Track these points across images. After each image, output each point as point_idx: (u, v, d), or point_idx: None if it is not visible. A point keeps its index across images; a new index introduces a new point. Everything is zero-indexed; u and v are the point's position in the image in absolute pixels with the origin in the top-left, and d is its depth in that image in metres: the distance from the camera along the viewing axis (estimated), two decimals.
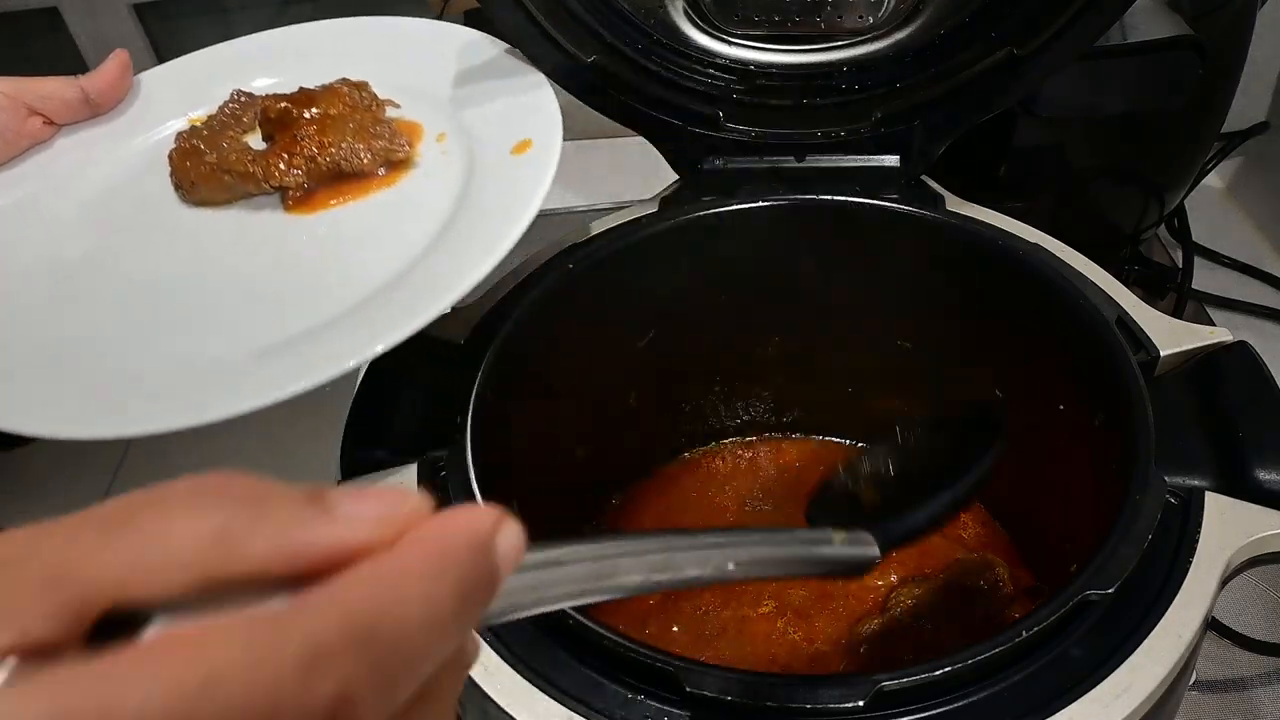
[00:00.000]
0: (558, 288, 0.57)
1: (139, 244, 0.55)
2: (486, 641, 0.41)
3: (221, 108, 0.60)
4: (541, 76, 0.58)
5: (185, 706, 0.17)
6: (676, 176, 0.65)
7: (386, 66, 0.61)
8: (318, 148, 0.55)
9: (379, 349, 0.45)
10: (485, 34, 0.62)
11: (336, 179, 0.55)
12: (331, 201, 0.55)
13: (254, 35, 0.65)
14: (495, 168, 0.54)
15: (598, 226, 0.61)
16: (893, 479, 0.50)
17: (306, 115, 0.55)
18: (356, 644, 0.18)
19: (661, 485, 0.69)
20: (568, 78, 0.60)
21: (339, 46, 0.63)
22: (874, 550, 0.37)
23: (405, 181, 0.56)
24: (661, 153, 0.64)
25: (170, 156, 0.57)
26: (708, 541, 0.30)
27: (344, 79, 0.59)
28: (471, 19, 1.43)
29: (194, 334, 0.49)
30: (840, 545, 0.35)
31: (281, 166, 0.55)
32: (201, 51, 0.64)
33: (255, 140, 0.59)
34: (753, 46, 0.62)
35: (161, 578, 0.19)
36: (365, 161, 0.55)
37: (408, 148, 0.56)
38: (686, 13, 0.62)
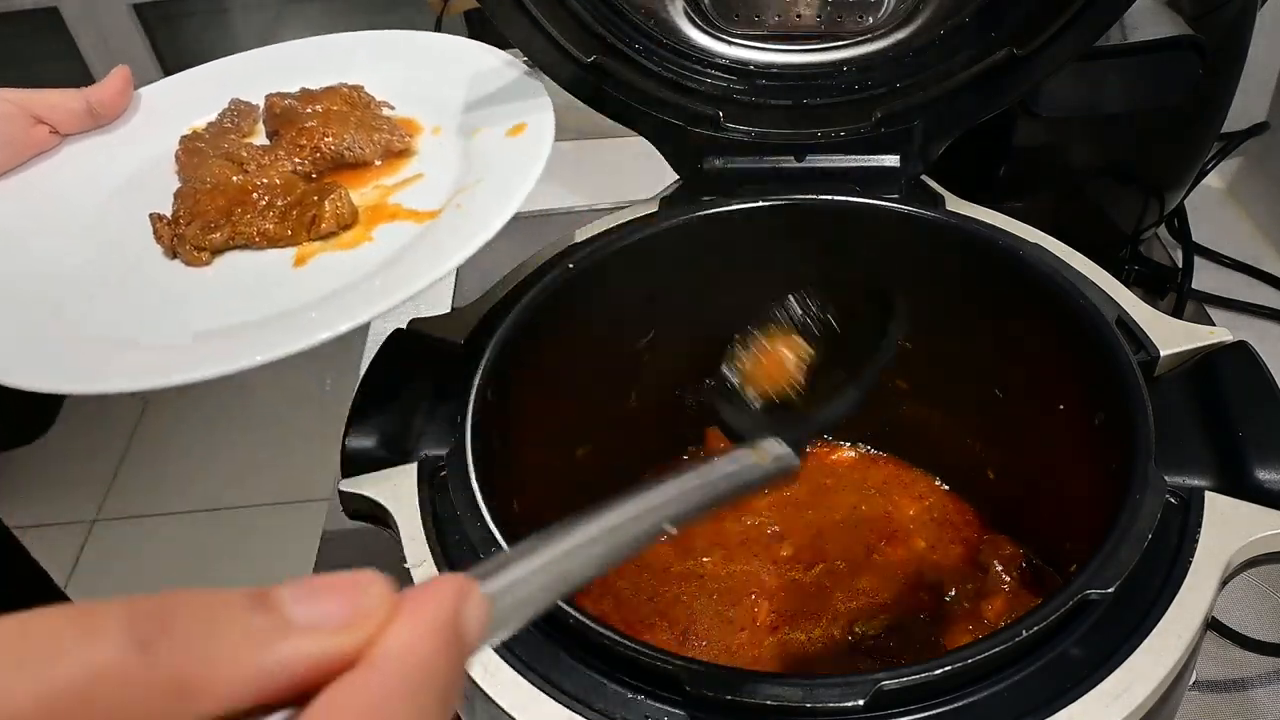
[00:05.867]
0: (558, 288, 0.56)
1: (139, 244, 0.56)
2: None
3: (221, 115, 0.62)
4: (524, 67, 0.60)
5: None
6: (676, 176, 0.65)
7: (377, 75, 0.63)
8: (321, 139, 0.57)
9: (395, 301, 0.46)
10: (467, 39, 0.64)
11: (338, 169, 0.58)
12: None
13: (249, 51, 0.67)
14: (493, 149, 0.56)
15: (598, 226, 0.61)
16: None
17: (310, 110, 0.58)
18: None
19: None
20: (568, 78, 0.60)
21: (332, 60, 0.66)
22: (795, 462, 0.38)
23: (406, 169, 0.58)
24: (661, 153, 0.64)
25: (177, 155, 0.59)
26: (650, 505, 0.32)
27: (340, 83, 0.61)
28: (471, 19, 1.43)
29: (190, 309, 0.51)
30: (766, 465, 0.37)
31: (285, 166, 0.56)
32: (200, 67, 0.67)
33: (257, 143, 0.60)
34: (753, 46, 0.62)
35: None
36: (367, 152, 0.57)
37: (408, 139, 0.58)
38: (686, 13, 0.62)
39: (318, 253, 0.53)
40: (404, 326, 0.57)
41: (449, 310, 0.57)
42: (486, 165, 0.54)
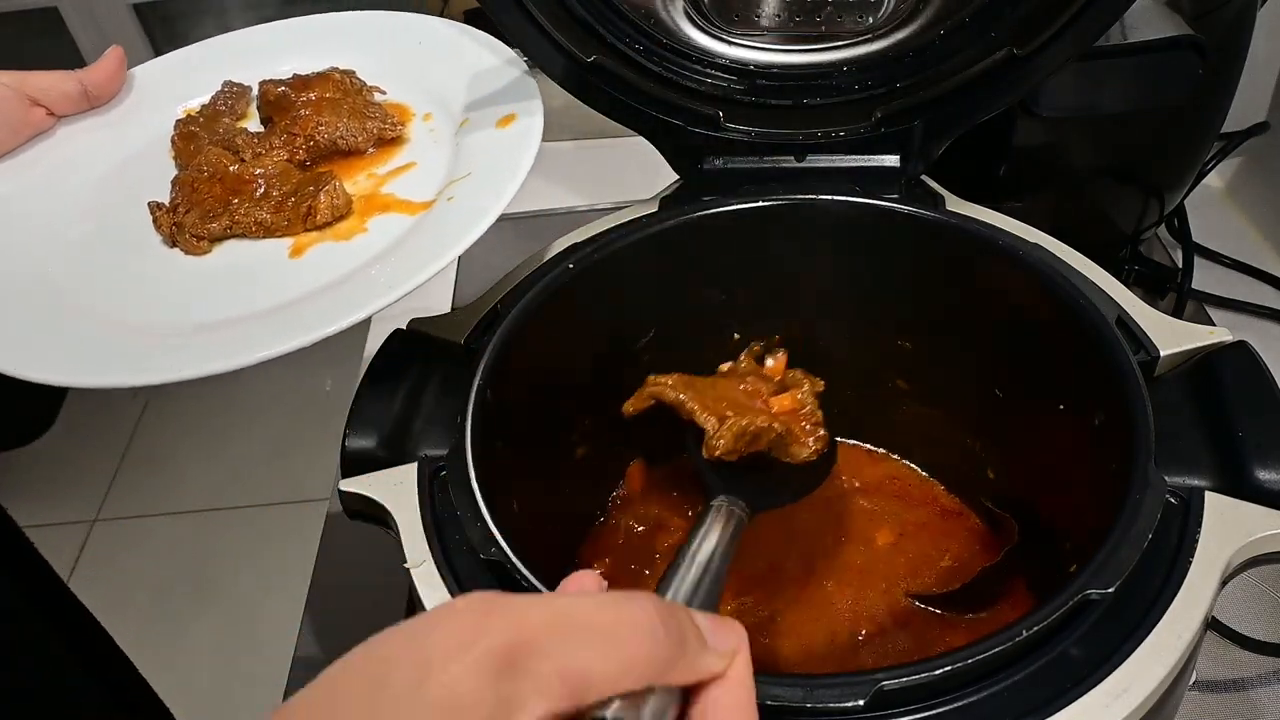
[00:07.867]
0: (558, 288, 0.57)
1: (138, 230, 0.57)
2: None
3: (214, 97, 0.62)
4: (515, 56, 0.61)
5: None
6: (676, 176, 0.65)
7: (369, 57, 0.64)
8: (315, 127, 0.57)
9: (392, 298, 0.47)
10: (456, 23, 0.65)
11: (331, 156, 0.58)
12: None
13: (240, 30, 0.67)
14: (483, 140, 0.56)
15: (598, 226, 0.61)
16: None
17: (303, 98, 0.59)
18: None
19: (662, 484, 0.69)
20: (568, 78, 0.60)
21: (322, 40, 0.66)
22: (746, 518, 0.48)
23: (398, 157, 0.58)
24: (661, 153, 0.64)
25: (173, 140, 0.59)
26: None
27: (333, 67, 0.61)
28: (472, 19, 1.43)
29: (190, 299, 0.51)
30: (728, 533, 0.45)
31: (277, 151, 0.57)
32: (192, 46, 0.67)
33: (250, 127, 0.61)
34: (753, 46, 0.62)
35: (625, 686, 0.29)
36: (359, 140, 0.58)
37: (400, 127, 0.59)
38: (686, 13, 0.62)
39: (314, 243, 0.53)
40: (404, 326, 0.57)
41: (449, 310, 0.57)
42: (477, 157, 0.55)
